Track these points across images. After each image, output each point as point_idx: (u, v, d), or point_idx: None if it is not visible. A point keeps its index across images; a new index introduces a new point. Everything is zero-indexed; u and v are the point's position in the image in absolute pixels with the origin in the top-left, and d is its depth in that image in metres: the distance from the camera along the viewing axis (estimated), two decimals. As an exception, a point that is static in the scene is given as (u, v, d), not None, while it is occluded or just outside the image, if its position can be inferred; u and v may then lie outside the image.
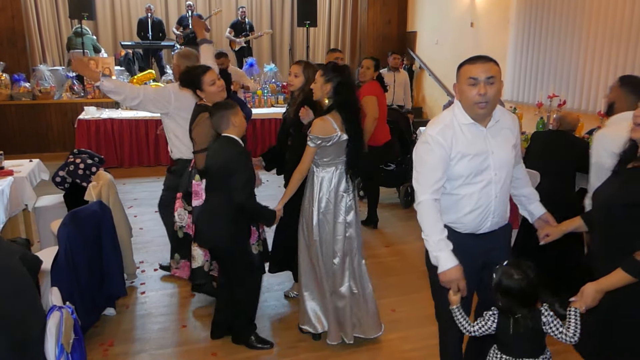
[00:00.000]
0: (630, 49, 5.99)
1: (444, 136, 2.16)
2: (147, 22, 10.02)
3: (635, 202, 1.92)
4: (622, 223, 1.97)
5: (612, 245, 2.03)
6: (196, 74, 3.26)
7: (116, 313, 3.56)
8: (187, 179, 3.40)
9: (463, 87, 2.13)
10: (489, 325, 2.10)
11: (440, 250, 2.14)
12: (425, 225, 2.18)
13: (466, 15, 8.92)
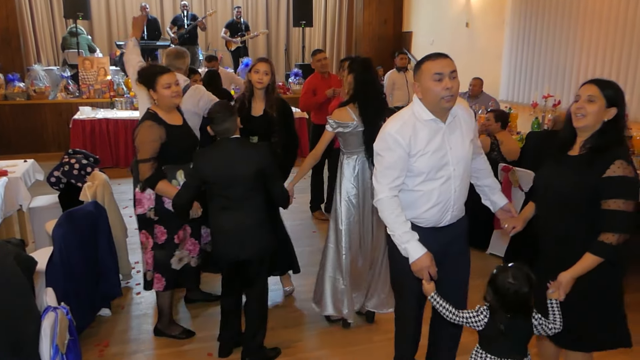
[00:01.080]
0: (625, 49, 6.02)
1: (403, 135, 2.20)
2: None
3: (597, 186, 2.07)
4: (587, 208, 2.12)
5: (580, 230, 2.15)
6: (153, 73, 2.97)
7: (112, 313, 3.55)
8: (134, 186, 3.18)
9: (428, 83, 2.16)
10: (479, 319, 2.08)
11: (408, 242, 2.21)
12: (388, 221, 2.26)
13: (461, 16, 8.94)
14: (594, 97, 2.11)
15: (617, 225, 2.05)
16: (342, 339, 3.31)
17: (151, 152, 2.90)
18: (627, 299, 3.92)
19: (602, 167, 2.07)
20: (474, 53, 8.61)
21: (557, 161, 2.26)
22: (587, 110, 2.11)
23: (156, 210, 3.06)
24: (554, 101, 5.83)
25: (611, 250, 2.06)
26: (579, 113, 2.14)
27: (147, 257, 3.15)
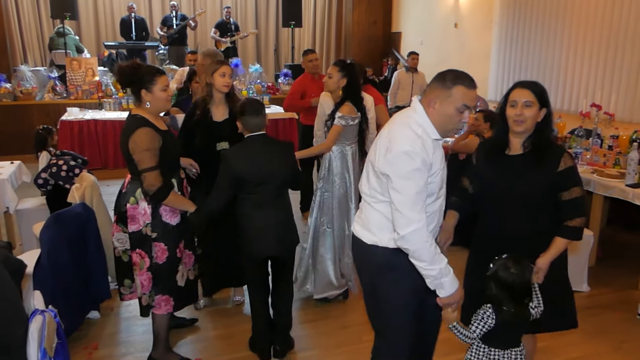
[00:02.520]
0: (610, 49, 6.08)
1: (428, 153, 1.97)
2: (129, 22, 9.93)
3: (554, 181, 2.22)
4: (548, 202, 2.26)
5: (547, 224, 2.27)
6: (151, 72, 2.74)
7: (101, 316, 3.52)
8: (121, 201, 2.85)
9: (451, 110, 1.99)
10: (489, 323, 2.11)
11: (448, 274, 2.00)
12: (427, 256, 1.96)
13: (450, 16, 8.98)
14: (530, 101, 2.23)
15: (580, 210, 2.24)
16: (332, 340, 3.31)
17: (156, 159, 2.67)
18: (614, 297, 3.99)
19: (555, 163, 2.22)
20: (462, 53, 8.65)
21: (497, 162, 2.32)
22: (526, 116, 2.22)
23: (153, 226, 2.79)
24: (541, 101, 5.87)
25: (580, 231, 2.25)
26: (518, 119, 2.23)
27: (141, 278, 2.84)
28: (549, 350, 3.21)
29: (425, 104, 2.03)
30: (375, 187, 2.06)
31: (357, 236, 2.17)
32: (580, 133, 5.05)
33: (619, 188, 3.99)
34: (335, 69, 3.55)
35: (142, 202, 2.78)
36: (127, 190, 2.82)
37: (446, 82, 1.98)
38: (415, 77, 7.35)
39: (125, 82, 2.79)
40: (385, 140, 2.03)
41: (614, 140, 4.76)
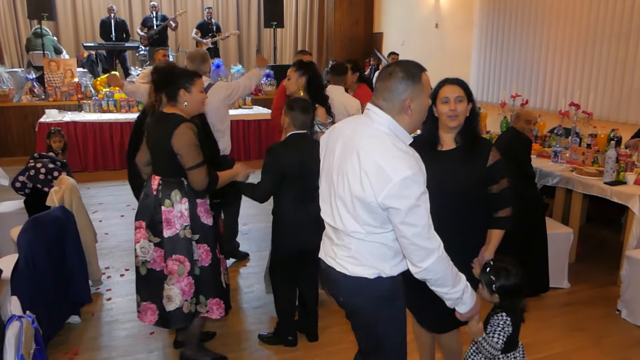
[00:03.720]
0: (589, 49, 6.18)
1: (421, 166, 1.78)
2: (109, 23, 9.81)
3: (485, 175, 2.27)
4: (474, 196, 2.28)
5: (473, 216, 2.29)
6: (190, 74, 2.74)
7: (81, 320, 3.47)
8: (151, 205, 2.72)
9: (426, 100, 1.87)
10: (507, 330, 2.10)
11: (465, 292, 1.87)
12: (449, 278, 1.81)
13: (431, 17, 9.05)
14: (461, 96, 2.28)
15: (510, 200, 2.30)
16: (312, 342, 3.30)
17: (201, 154, 2.64)
18: (594, 293, 4.05)
19: (485, 156, 2.28)
20: (443, 53, 8.72)
21: (432, 159, 2.13)
22: (459, 110, 2.27)
23: (194, 228, 2.70)
24: (522, 100, 5.94)
25: (511, 220, 2.31)
26: (452, 114, 2.26)
27: (182, 285, 2.70)
28: (529, 346, 3.24)
29: (394, 111, 1.78)
30: (369, 222, 1.79)
31: (352, 275, 1.87)
32: (560, 132, 5.12)
33: (598, 186, 4.05)
34: (292, 70, 3.56)
35: (178, 204, 2.68)
36: (160, 193, 2.69)
37: (415, 76, 1.77)
38: None
39: (163, 81, 2.74)
40: (371, 168, 1.71)
41: (593, 138, 4.83)
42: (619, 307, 3.68)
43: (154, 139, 2.71)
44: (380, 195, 1.69)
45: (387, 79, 1.78)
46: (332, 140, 1.94)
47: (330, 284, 2.01)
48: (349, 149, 1.80)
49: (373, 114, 1.81)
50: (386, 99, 1.78)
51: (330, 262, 1.95)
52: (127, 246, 4.63)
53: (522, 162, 3.83)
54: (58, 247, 3.23)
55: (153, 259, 2.76)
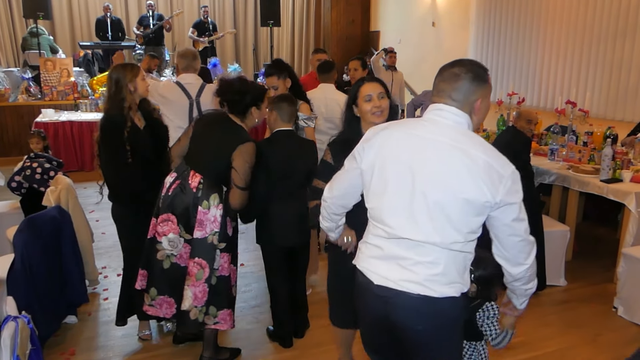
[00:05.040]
0: (585, 47, 6.19)
1: None
2: (105, 22, 9.79)
3: None
4: None
5: None
6: (262, 91, 2.87)
7: (78, 321, 3.47)
8: (188, 201, 2.70)
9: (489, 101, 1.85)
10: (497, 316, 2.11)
11: None
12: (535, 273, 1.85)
13: (428, 15, 9.05)
14: (383, 93, 2.33)
15: None
16: (307, 341, 3.29)
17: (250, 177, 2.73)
18: (591, 291, 4.06)
19: None
20: (440, 52, 8.72)
21: None
22: (383, 107, 2.31)
23: (220, 236, 2.72)
24: (518, 99, 5.95)
25: None
26: (377, 111, 2.30)
27: (196, 290, 2.70)
28: (525, 345, 3.25)
29: (467, 109, 1.71)
30: (471, 227, 1.66)
31: (440, 296, 1.69)
32: (556, 130, 5.13)
33: (594, 183, 4.06)
34: (273, 79, 3.54)
35: (214, 208, 2.70)
36: (199, 192, 2.69)
37: (483, 77, 1.74)
38: (395, 75, 7.38)
39: (234, 101, 2.76)
40: (481, 165, 1.61)
41: (589, 136, 4.84)
42: (615, 304, 3.69)
43: (214, 142, 2.72)
44: (499, 192, 1.60)
45: (454, 80, 1.69)
46: (393, 146, 1.73)
47: (400, 311, 1.73)
48: (442, 151, 1.64)
49: (449, 113, 1.70)
50: (455, 99, 1.70)
51: (407, 287, 1.70)
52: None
53: (521, 161, 3.84)
54: (54, 247, 3.23)
55: (180, 254, 2.75)
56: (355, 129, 2.35)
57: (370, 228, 1.83)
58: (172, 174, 2.81)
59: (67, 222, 3.40)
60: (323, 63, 4.60)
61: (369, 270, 1.79)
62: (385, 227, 1.72)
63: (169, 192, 2.73)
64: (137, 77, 2.92)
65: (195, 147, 2.79)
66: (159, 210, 2.75)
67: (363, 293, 1.83)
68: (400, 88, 7.46)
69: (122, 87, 2.87)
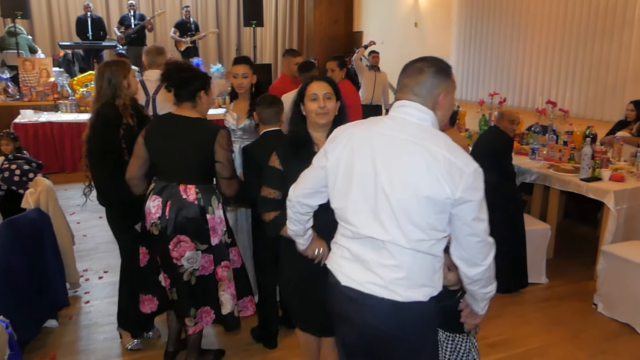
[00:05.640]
0: (565, 48, 6.28)
1: None
2: (86, 21, 9.67)
3: None
4: None
5: None
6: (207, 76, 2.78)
7: (59, 324, 3.41)
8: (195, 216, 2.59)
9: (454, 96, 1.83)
10: None
11: None
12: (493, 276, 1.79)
13: (410, 16, 9.10)
14: (330, 93, 2.24)
15: None
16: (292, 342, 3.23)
17: None
18: (571, 288, 4.11)
19: None
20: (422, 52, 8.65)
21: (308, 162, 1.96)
22: (329, 107, 2.23)
23: (228, 232, 2.73)
24: (499, 98, 6.01)
25: None
26: (322, 111, 2.22)
27: (231, 290, 2.70)
28: (508, 342, 3.29)
29: (430, 104, 1.68)
30: (435, 226, 1.62)
31: (405, 301, 1.66)
32: (537, 129, 5.20)
33: (574, 182, 4.11)
34: (247, 67, 3.40)
35: (217, 210, 2.64)
36: (201, 201, 2.58)
37: (446, 71, 1.71)
38: (378, 75, 7.41)
39: (184, 81, 2.60)
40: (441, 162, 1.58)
41: (569, 136, 4.91)
42: (595, 301, 3.75)
43: (186, 144, 2.56)
44: (459, 188, 1.56)
45: (417, 74, 1.68)
46: (356, 144, 1.70)
47: (366, 314, 1.71)
48: (403, 148, 1.62)
49: (412, 109, 1.67)
50: (418, 94, 1.67)
51: (372, 289, 1.67)
52: (105, 248, 4.56)
53: (503, 161, 3.88)
54: (34, 250, 3.18)
55: (202, 265, 2.65)
56: (302, 129, 2.28)
57: (339, 228, 1.81)
58: (153, 197, 2.59)
59: (46, 224, 3.35)
60: (304, 62, 4.57)
61: (337, 271, 1.79)
62: (350, 227, 1.71)
63: (167, 216, 2.55)
64: (129, 74, 2.89)
65: (165, 159, 2.61)
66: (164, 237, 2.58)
67: (333, 293, 1.82)
68: (384, 88, 7.50)
69: (116, 84, 2.82)
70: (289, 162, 2.17)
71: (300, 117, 2.28)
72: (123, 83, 2.84)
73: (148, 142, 2.62)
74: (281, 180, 2.18)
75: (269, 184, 2.25)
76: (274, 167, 2.24)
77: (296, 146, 2.21)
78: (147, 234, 2.65)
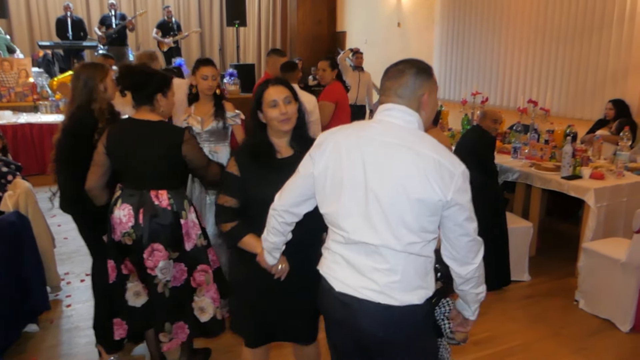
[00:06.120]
0: (546, 48, 6.36)
1: None
2: (66, 21, 9.53)
3: None
4: None
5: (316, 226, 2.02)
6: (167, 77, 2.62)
7: (40, 329, 3.36)
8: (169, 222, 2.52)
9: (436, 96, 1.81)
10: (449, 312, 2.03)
11: None
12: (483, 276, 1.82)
13: (393, 16, 9.14)
14: (289, 97, 2.10)
15: None
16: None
17: None
18: (554, 285, 4.16)
19: None
20: (406, 52, 8.81)
21: (271, 170, 2.04)
22: (290, 113, 2.08)
23: (204, 234, 2.66)
24: (482, 98, 6.06)
25: None
26: (284, 118, 2.07)
27: (211, 294, 2.63)
28: (491, 339, 3.31)
29: (415, 105, 1.69)
30: (427, 228, 1.63)
31: (401, 305, 1.66)
32: (519, 128, 5.25)
33: (555, 180, 4.16)
34: (214, 69, 3.39)
35: (190, 213, 2.57)
36: (174, 207, 2.50)
37: (428, 71, 1.71)
38: (362, 76, 7.42)
39: (138, 84, 2.51)
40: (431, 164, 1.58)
41: (550, 134, 4.97)
42: (576, 297, 3.80)
43: (151, 150, 2.46)
44: (450, 191, 1.57)
45: (399, 76, 1.68)
46: (344, 150, 1.68)
47: (362, 319, 1.69)
48: (393, 152, 1.61)
49: (398, 112, 1.67)
50: (401, 96, 1.67)
51: (367, 294, 1.66)
52: (87, 251, 4.47)
53: (486, 160, 3.91)
54: (13, 253, 3.12)
55: (173, 276, 2.57)
56: (262, 136, 2.13)
57: (330, 234, 1.79)
58: (122, 206, 2.47)
59: (26, 227, 3.29)
60: (286, 62, 4.57)
61: (330, 277, 1.76)
62: (342, 232, 1.69)
63: (141, 224, 2.46)
64: (107, 78, 2.77)
65: (131, 165, 2.50)
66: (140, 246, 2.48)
67: (326, 299, 1.79)
68: (368, 88, 7.51)
69: (92, 87, 2.72)
70: (248, 169, 2.06)
71: (260, 126, 2.14)
72: (99, 86, 2.73)
73: (110, 150, 2.50)
74: (239, 188, 2.08)
75: (226, 191, 2.11)
76: (232, 173, 2.10)
77: (254, 153, 2.09)
78: (118, 245, 2.52)
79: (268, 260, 2.01)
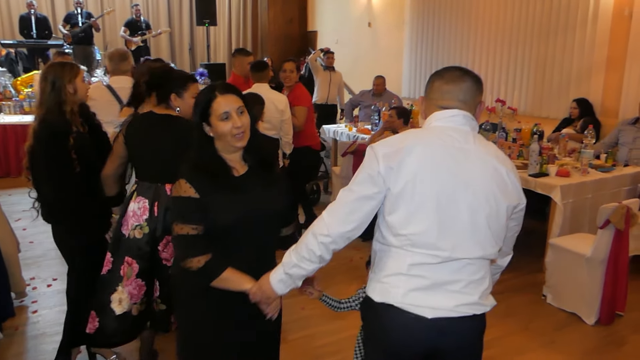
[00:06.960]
0: (513, 48, 6.49)
1: None
2: (29, 19, 9.28)
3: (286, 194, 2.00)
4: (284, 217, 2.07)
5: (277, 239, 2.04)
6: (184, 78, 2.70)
7: (3, 336, 3.25)
8: None
9: None
10: None
11: None
12: None
13: (364, 15, 9.18)
14: (243, 107, 1.83)
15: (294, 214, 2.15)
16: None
17: None
18: (522, 281, 4.23)
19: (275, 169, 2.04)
20: (376, 52, 8.87)
21: (232, 190, 1.81)
22: (245, 126, 1.82)
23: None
24: (451, 97, 6.13)
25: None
26: (239, 132, 1.80)
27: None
28: (465, 336, 3.36)
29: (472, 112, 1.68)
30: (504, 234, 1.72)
31: (490, 308, 1.70)
32: (487, 127, 5.33)
33: (523, 178, 4.23)
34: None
35: None
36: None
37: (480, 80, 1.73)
38: (333, 75, 7.43)
39: (154, 84, 2.56)
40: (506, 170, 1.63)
41: (518, 133, 5.06)
42: (544, 292, 3.88)
43: (168, 142, 2.47)
44: (522, 193, 1.70)
45: (461, 81, 1.65)
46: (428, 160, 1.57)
47: (453, 338, 1.62)
48: (476, 160, 1.59)
49: (464, 118, 1.64)
50: (463, 101, 1.64)
51: (463, 310, 1.61)
52: (54, 254, 4.38)
53: None
54: (-25, 259, 3.03)
55: None
56: (210, 152, 1.84)
57: (406, 257, 1.59)
58: (137, 199, 2.50)
59: (-11, 232, 3.19)
60: (256, 62, 4.52)
61: (415, 306, 1.59)
62: (436, 252, 1.56)
63: (156, 216, 2.47)
64: (76, 78, 2.64)
65: (148, 158, 2.54)
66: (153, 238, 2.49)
67: (407, 331, 1.61)
68: (339, 88, 7.53)
69: (60, 88, 2.56)
70: (205, 190, 1.77)
71: (205, 138, 1.83)
72: (68, 88, 2.58)
73: (128, 141, 2.55)
74: (201, 211, 1.75)
75: (186, 218, 1.76)
76: (190, 197, 1.75)
77: (208, 172, 1.80)
78: (124, 240, 2.52)
79: (278, 290, 1.72)
